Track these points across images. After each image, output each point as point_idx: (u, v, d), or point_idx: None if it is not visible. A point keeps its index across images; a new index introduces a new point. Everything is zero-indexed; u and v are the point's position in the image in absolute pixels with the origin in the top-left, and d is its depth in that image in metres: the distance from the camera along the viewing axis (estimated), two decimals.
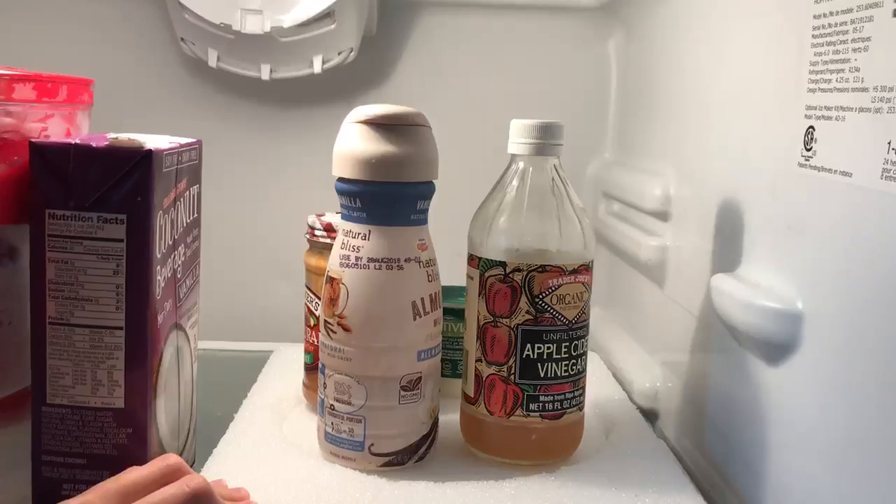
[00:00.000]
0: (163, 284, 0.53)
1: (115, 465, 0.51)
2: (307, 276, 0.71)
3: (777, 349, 0.51)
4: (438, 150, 0.61)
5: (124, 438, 0.52)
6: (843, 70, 0.45)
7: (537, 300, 0.59)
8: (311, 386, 0.70)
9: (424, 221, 0.60)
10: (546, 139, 0.61)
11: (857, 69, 0.44)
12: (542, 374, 0.60)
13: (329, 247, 0.67)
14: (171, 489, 0.45)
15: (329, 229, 0.69)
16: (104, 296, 0.51)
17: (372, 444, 0.59)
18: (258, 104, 0.94)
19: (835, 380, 0.46)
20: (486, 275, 0.60)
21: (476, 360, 0.62)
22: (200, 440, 0.64)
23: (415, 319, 0.59)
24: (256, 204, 0.96)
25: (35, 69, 0.53)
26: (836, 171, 0.45)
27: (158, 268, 0.52)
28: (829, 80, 0.46)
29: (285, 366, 0.80)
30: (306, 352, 0.71)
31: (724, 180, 0.62)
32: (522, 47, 0.96)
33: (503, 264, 0.59)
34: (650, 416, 0.77)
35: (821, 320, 0.47)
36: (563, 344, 0.60)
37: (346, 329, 0.58)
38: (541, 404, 0.60)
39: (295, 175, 0.96)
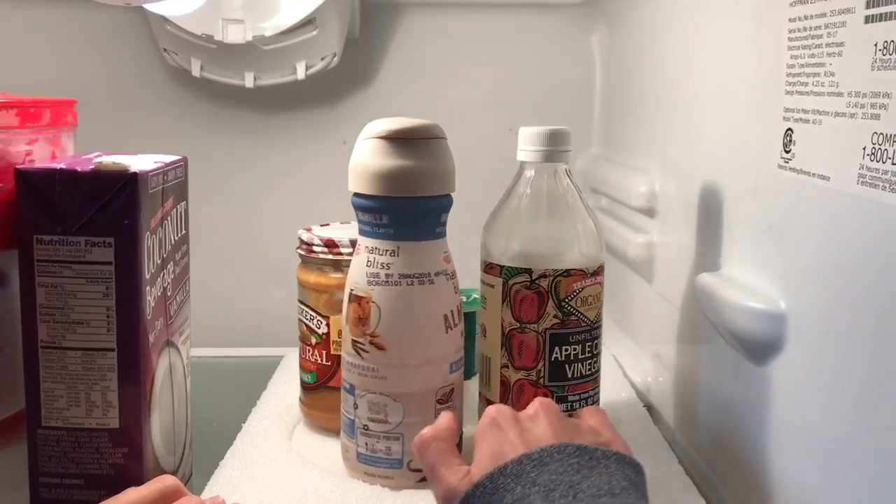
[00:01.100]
0: (153, 304, 0.54)
1: (112, 485, 0.51)
2: (302, 292, 0.70)
3: (761, 348, 0.51)
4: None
5: (120, 458, 0.53)
6: (818, 74, 0.45)
7: (563, 304, 0.61)
8: (312, 405, 0.70)
9: (445, 234, 0.60)
10: (555, 146, 0.62)
11: (832, 73, 0.44)
12: (569, 376, 0.62)
13: (329, 262, 0.67)
14: None
15: (331, 245, 0.67)
16: (95, 318, 0.51)
17: (410, 461, 0.59)
18: (243, 111, 0.94)
19: (818, 378, 0.46)
20: (511, 282, 0.61)
21: (502, 367, 0.62)
22: (197, 449, 0.64)
23: (447, 332, 0.59)
24: (246, 210, 0.97)
25: (16, 86, 0.53)
26: (813, 174, 0.46)
27: (148, 288, 0.53)
28: (806, 84, 0.47)
29: (296, 373, 0.80)
30: (306, 370, 0.70)
31: (708, 178, 0.63)
32: (506, 45, 0.96)
33: (529, 271, 0.60)
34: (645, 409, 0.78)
35: (803, 320, 0.48)
36: (587, 344, 0.62)
37: (379, 347, 0.58)
38: (569, 404, 0.62)
39: (283, 180, 0.97)
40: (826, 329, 0.45)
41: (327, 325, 0.67)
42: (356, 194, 0.58)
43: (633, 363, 0.80)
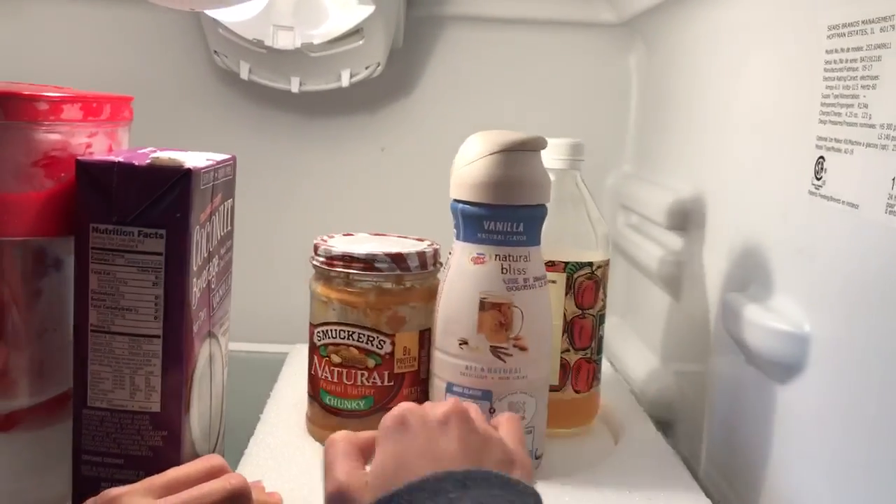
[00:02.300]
0: (198, 295, 0.56)
1: (151, 466, 0.53)
2: (349, 314, 0.64)
3: (784, 369, 0.53)
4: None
5: (159, 441, 0.55)
6: (852, 105, 0.47)
7: (605, 289, 0.72)
8: (326, 426, 0.66)
9: None
10: (576, 156, 0.71)
11: (866, 105, 0.45)
12: (603, 349, 0.74)
13: (393, 278, 0.64)
14: (214, 484, 0.48)
15: (399, 259, 0.64)
16: (143, 306, 0.54)
17: (538, 452, 0.63)
18: (287, 115, 0.97)
19: (838, 401, 0.47)
20: (576, 275, 0.69)
21: (563, 352, 0.70)
22: (231, 439, 0.67)
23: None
24: (283, 210, 0.99)
25: (72, 83, 0.56)
26: (843, 201, 0.47)
27: (194, 279, 0.55)
28: (840, 114, 0.48)
29: (302, 367, 0.82)
30: (356, 397, 0.65)
31: (739, 201, 0.64)
32: (545, 61, 0.98)
33: (590, 264, 0.69)
34: (664, 424, 0.79)
35: (827, 344, 0.49)
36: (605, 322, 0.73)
37: (522, 349, 0.60)
38: (602, 374, 0.74)
39: (321, 184, 0.99)
40: (849, 354, 0.46)
41: (392, 342, 0.65)
42: (486, 205, 0.59)
43: (654, 379, 0.81)
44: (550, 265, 0.67)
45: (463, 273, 0.61)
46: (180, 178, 0.53)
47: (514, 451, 0.47)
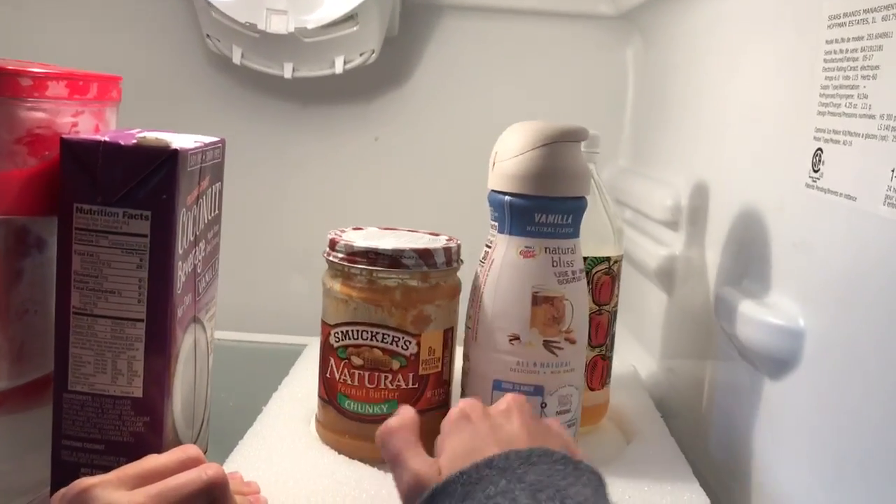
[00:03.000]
0: (183, 279, 0.55)
1: (132, 452, 0.52)
2: (372, 313, 0.61)
3: (778, 364, 0.52)
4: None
5: (141, 426, 0.54)
6: (851, 96, 0.46)
7: (619, 285, 0.70)
8: (345, 432, 0.63)
9: None
10: (592, 148, 0.69)
11: (866, 96, 0.45)
12: (615, 346, 0.71)
13: (419, 275, 0.61)
14: (189, 475, 0.47)
15: (426, 255, 0.61)
16: (127, 288, 0.53)
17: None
18: (279, 101, 0.96)
19: (832, 397, 0.47)
20: (594, 271, 0.67)
21: None
22: (212, 429, 0.66)
23: None
24: (274, 197, 0.98)
25: (63, 65, 0.55)
26: (841, 194, 0.46)
27: (180, 263, 0.54)
28: (839, 105, 0.47)
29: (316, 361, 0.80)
30: (378, 401, 0.62)
31: (734, 195, 0.63)
32: (541, 52, 0.97)
33: (608, 259, 0.67)
34: None
35: (822, 338, 0.48)
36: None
37: (571, 342, 0.60)
38: (613, 371, 0.71)
39: (313, 172, 0.98)
40: (844, 348, 0.46)
41: (417, 343, 0.61)
42: (538, 198, 0.58)
43: (647, 374, 0.81)
44: None
45: (512, 267, 0.59)
46: (167, 159, 0.52)
47: (570, 443, 0.48)
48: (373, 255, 0.60)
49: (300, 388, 0.74)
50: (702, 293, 0.68)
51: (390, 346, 0.61)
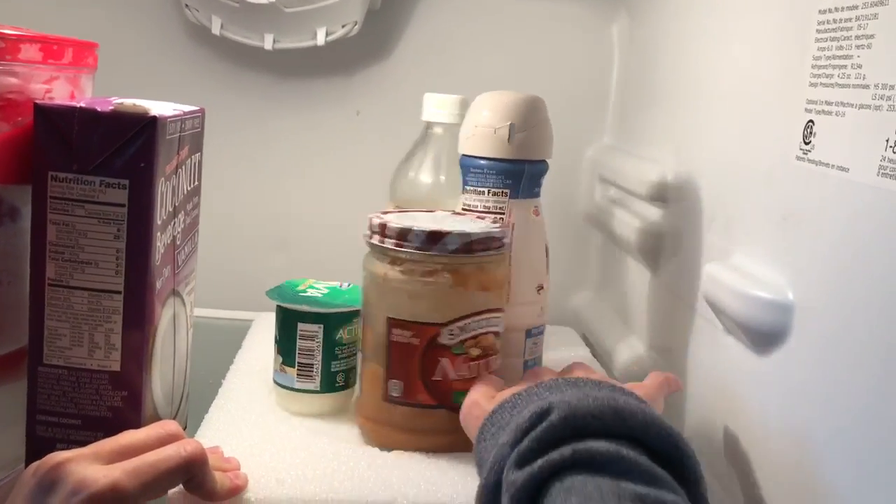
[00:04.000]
0: (162, 251, 0.54)
1: (110, 427, 0.51)
2: (485, 299, 0.59)
3: (766, 338, 0.52)
4: (462, 132, 0.69)
5: (119, 401, 0.53)
6: (845, 66, 0.45)
7: None
8: (398, 426, 0.60)
9: None
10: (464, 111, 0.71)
11: (860, 66, 0.44)
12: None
13: (501, 258, 0.62)
14: (168, 450, 0.46)
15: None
16: (104, 259, 0.51)
17: None
18: (259, 74, 0.94)
19: (821, 371, 0.46)
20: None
21: None
22: (191, 406, 0.65)
23: None
24: (254, 173, 0.96)
25: (38, 27, 0.53)
26: (833, 165, 0.46)
27: (158, 234, 0.53)
28: (831, 76, 0.47)
29: (270, 334, 0.80)
30: (458, 390, 0.58)
31: (722, 169, 0.63)
32: (525, 29, 0.96)
33: None
34: None
35: (811, 312, 0.48)
36: None
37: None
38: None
39: (293, 146, 0.96)
40: (834, 321, 0.45)
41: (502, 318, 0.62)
42: (545, 162, 0.69)
43: (631, 353, 0.80)
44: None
45: (528, 226, 0.67)
46: (145, 126, 0.50)
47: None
48: (483, 242, 0.59)
49: (256, 362, 0.73)
50: (687, 269, 0.67)
51: (496, 328, 0.61)
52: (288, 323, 0.64)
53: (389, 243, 0.58)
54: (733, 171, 0.60)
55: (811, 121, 0.49)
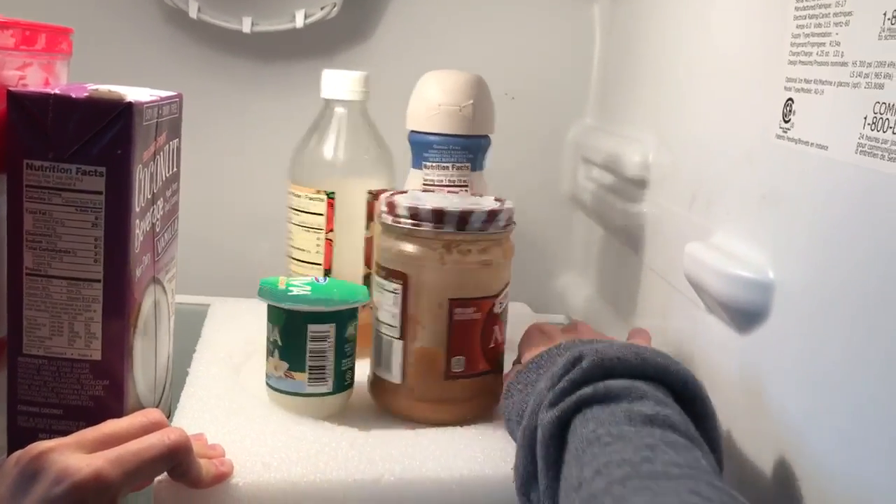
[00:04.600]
0: (141, 238, 0.53)
1: (92, 417, 0.51)
2: (497, 268, 0.62)
3: (747, 317, 0.52)
4: (419, 111, 0.70)
5: (101, 390, 0.52)
6: (823, 43, 0.45)
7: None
8: (457, 399, 0.62)
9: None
10: (367, 88, 0.74)
11: (838, 43, 0.44)
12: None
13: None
14: (151, 439, 0.46)
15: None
16: (82, 248, 0.51)
17: None
18: (238, 58, 0.93)
19: (802, 348, 0.47)
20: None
21: None
22: (174, 394, 0.64)
23: None
24: (234, 158, 0.96)
25: (9, 15, 0.52)
26: (812, 143, 0.46)
27: (137, 221, 0.52)
28: (810, 53, 0.47)
29: (228, 320, 0.79)
30: (489, 358, 0.62)
31: (703, 148, 0.63)
32: (507, 8, 0.96)
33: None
34: None
35: (791, 290, 0.48)
36: None
37: None
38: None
39: (273, 130, 0.95)
40: (814, 299, 0.46)
41: None
42: (488, 136, 0.73)
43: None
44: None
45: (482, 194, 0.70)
46: (121, 113, 0.50)
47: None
48: (510, 215, 0.62)
49: (220, 348, 0.72)
50: (669, 249, 0.67)
51: (502, 296, 0.64)
52: (294, 326, 0.60)
53: (449, 228, 0.59)
54: (714, 151, 0.60)
55: (790, 99, 0.49)
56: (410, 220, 0.60)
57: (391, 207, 0.61)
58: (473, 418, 0.62)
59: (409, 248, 0.60)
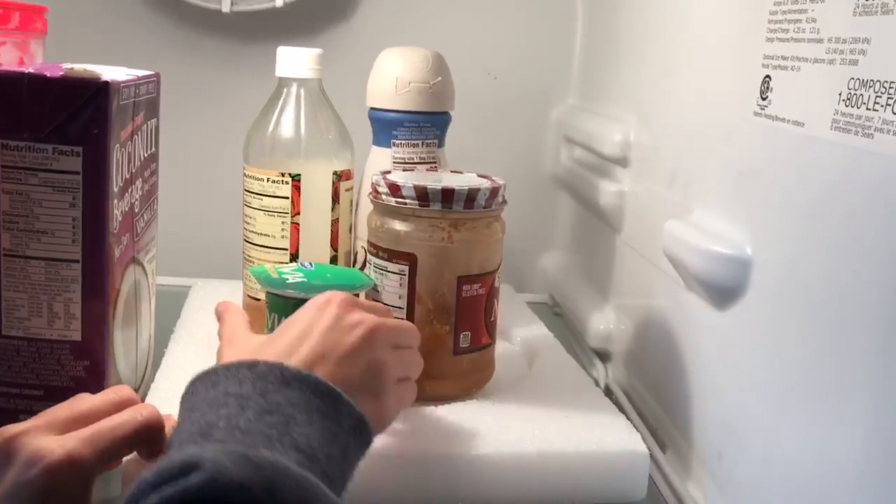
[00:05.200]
0: (120, 218, 0.53)
1: None
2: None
3: (725, 294, 0.52)
4: (387, 88, 0.73)
5: (81, 371, 0.52)
6: (800, 20, 0.46)
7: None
8: (464, 373, 0.63)
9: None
10: (321, 65, 0.72)
11: (814, 20, 0.44)
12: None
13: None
14: (123, 416, 0.45)
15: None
16: (60, 228, 0.51)
17: None
18: (217, 38, 0.92)
19: (778, 324, 0.47)
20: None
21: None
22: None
23: None
24: (214, 139, 0.95)
25: None
26: (789, 120, 0.46)
27: (115, 201, 0.52)
28: (787, 30, 0.47)
29: (209, 301, 0.78)
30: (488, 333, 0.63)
31: (682, 127, 0.63)
32: None
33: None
34: (603, 356, 0.79)
35: (769, 266, 0.49)
36: None
37: None
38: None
39: (254, 111, 0.95)
40: (791, 275, 0.46)
41: None
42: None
43: (595, 312, 0.81)
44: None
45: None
46: (98, 91, 0.49)
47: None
48: (502, 192, 0.63)
49: (198, 329, 0.71)
50: (649, 227, 0.68)
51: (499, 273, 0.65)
52: None
53: (458, 207, 0.59)
54: (693, 128, 0.61)
55: (768, 76, 0.49)
56: (418, 202, 0.59)
57: (394, 189, 0.59)
58: (478, 391, 0.64)
59: (415, 228, 0.59)
